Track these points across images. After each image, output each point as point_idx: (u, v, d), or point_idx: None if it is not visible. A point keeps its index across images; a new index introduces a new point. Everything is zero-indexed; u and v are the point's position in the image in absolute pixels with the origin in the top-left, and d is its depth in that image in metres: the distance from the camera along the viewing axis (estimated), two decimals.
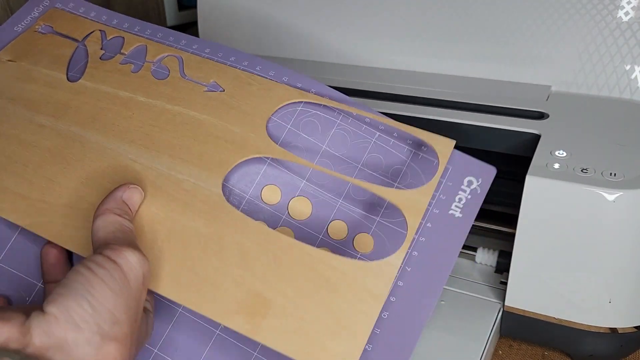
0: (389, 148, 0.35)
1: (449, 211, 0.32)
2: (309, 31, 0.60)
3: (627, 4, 0.47)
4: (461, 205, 0.32)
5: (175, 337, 0.31)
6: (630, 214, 0.35)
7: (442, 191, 0.32)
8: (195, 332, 0.31)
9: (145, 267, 0.26)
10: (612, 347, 0.39)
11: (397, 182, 0.34)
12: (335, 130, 0.35)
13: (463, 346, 0.38)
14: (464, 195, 0.33)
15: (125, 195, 0.29)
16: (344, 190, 0.34)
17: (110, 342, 0.22)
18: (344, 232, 0.33)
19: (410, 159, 0.35)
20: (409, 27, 0.56)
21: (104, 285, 0.23)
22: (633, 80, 0.48)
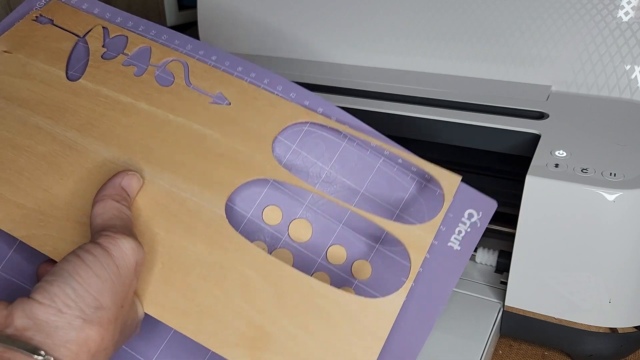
0: (392, 174, 0.35)
1: (448, 243, 0.31)
2: (309, 31, 0.60)
3: (627, 4, 0.47)
4: (460, 238, 0.31)
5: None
6: (630, 213, 0.35)
7: (443, 223, 0.31)
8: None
9: (138, 254, 0.26)
10: (612, 347, 0.39)
11: (398, 210, 0.34)
12: (340, 153, 0.34)
13: (463, 346, 0.38)
14: (464, 227, 0.32)
15: (124, 182, 0.29)
16: (345, 215, 0.34)
17: (93, 326, 0.23)
18: (343, 258, 0.33)
19: (414, 187, 0.34)
20: (409, 27, 0.56)
21: (90, 271, 0.24)
22: (633, 80, 0.48)
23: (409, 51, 0.56)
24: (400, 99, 0.49)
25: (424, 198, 0.34)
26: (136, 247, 0.26)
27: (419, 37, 0.55)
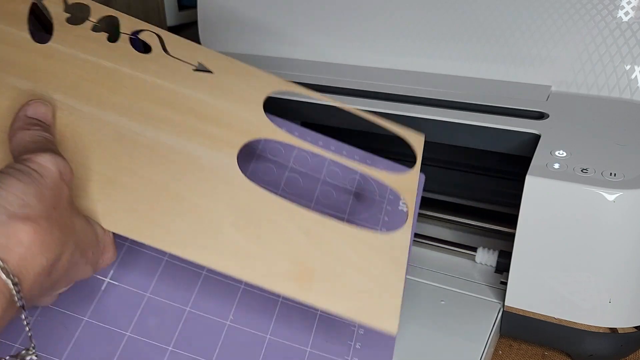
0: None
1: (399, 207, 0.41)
2: (309, 31, 0.60)
3: (627, 4, 0.47)
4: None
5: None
6: (630, 213, 0.35)
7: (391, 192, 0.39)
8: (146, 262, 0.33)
9: (59, 164, 0.26)
10: (612, 347, 0.39)
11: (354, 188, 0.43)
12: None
13: (463, 346, 0.38)
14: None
15: (29, 111, 0.29)
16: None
17: (19, 220, 0.23)
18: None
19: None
20: (409, 27, 0.56)
21: (11, 177, 0.24)
22: (633, 80, 0.48)
23: (409, 51, 0.56)
24: (400, 99, 0.49)
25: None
26: (54, 158, 0.26)
27: (419, 37, 0.55)
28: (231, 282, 0.34)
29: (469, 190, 0.56)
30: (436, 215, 0.51)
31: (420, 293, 0.43)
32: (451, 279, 0.44)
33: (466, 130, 0.44)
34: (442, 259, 0.47)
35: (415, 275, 0.45)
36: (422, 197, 0.55)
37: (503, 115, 0.45)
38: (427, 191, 0.57)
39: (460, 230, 0.51)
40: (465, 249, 0.47)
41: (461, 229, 0.51)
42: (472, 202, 0.54)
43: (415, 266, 0.46)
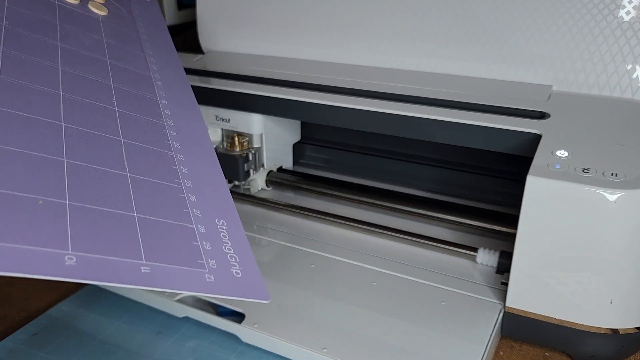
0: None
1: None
2: (309, 31, 0.60)
3: (628, 3, 0.47)
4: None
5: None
6: (632, 214, 0.35)
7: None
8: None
9: None
10: (614, 348, 0.39)
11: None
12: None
13: (464, 347, 0.38)
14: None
15: None
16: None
17: None
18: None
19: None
20: (410, 27, 0.55)
21: None
22: (634, 80, 0.48)
23: (409, 51, 0.56)
24: (400, 98, 0.49)
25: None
26: None
27: (420, 36, 0.55)
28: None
29: (469, 190, 0.56)
30: (436, 216, 0.51)
31: (420, 294, 0.43)
32: (452, 279, 0.44)
33: (467, 130, 0.44)
34: (443, 259, 0.47)
35: (416, 276, 0.45)
36: (422, 197, 0.55)
37: (504, 115, 0.44)
38: (427, 191, 0.57)
39: (460, 230, 0.51)
40: (465, 249, 0.47)
41: (462, 229, 0.51)
42: (472, 202, 0.54)
43: (415, 266, 0.46)
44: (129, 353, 0.40)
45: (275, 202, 0.56)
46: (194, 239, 0.29)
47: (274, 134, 0.59)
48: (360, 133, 0.63)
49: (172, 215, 0.30)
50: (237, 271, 0.29)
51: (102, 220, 0.26)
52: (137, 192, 0.30)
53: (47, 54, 0.35)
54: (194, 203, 0.32)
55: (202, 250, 0.29)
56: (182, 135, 0.36)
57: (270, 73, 0.57)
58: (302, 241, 0.50)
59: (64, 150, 0.29)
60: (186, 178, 0.33)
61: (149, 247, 0.27)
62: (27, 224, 0.24)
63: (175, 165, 0.34)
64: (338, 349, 0.37)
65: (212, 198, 0.33)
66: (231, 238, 0.31)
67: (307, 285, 0.44)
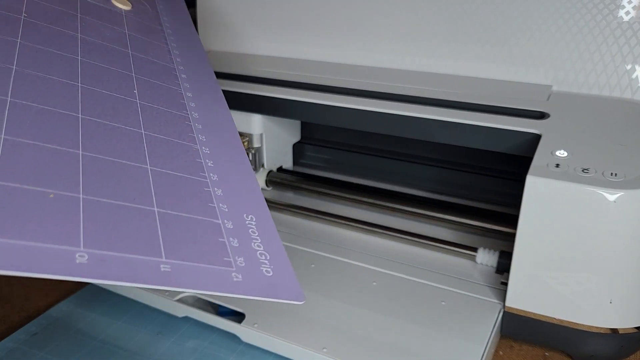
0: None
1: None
2: (309, 31, 0.60)
3: (628, 4, 0.47)
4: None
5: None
6: (631, 214, 0.35)
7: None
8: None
9: None
10: (613, 348, 0.39)
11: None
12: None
13: (463, 347, 0.38)
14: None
15: None
16: None
17: None
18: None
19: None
20: (410, 27, 0.55)
21: None
22: (634, 80, 0.48)
23: (409, 51, 0.56)
24: (400, 98, 0.49)
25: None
26: None
27: (420, 36, 0.55)
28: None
29: (469, 190, 0.56)
30: (436, 216, 0.51)
31: (420, 294, 0.43)
32: (451, 279, 0.44)
33: (466, 130, 0.44)
34: (443, 259, 0.47)
35: (416, 276, 0.45)
36: (422, 197, 0.55)
37: (503, 115, 0.44)
38: (427, 191, 0.57)
39: (460, 230, 0.51)
40: (465, 249, 0.47)
41: (461, 229, 0.51)
42: (472, 202, 0.54)
43: (415, 266, 0.46)
44: (129, 353, 0.40)
45: (275, 202, 0.56)
46: (220, 235, 0.28)
47: (274, 134, 0.59)
48: (360, 133, 0.63)
49: (196, 210, 0.28)
50: (268, 269, 0.27)
51: (119, 215, 0.25)
52: (158, 185, 0.28)
53: (66, 45, 0.34)
54: (220, 197, 0.30)
55: (229, 247, 0.27)
56: (208, 127, 0.35)
57: (270, 73, 0.57)
58: (302, 241, 0.50)
59: (80, 142, 0.27)
60: (212, 171, 0.31)
61: (170, 243, 0.25)
62: (34, 219, 0.22)
63: (200, 158, 0.32)
64: (338, 349, 0.37)
65: (240, 192, 0.31)
66: (261, 234, 0.29)
67: (307, 286, 0.44)
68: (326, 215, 0.53)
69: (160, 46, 0.40)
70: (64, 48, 0.33)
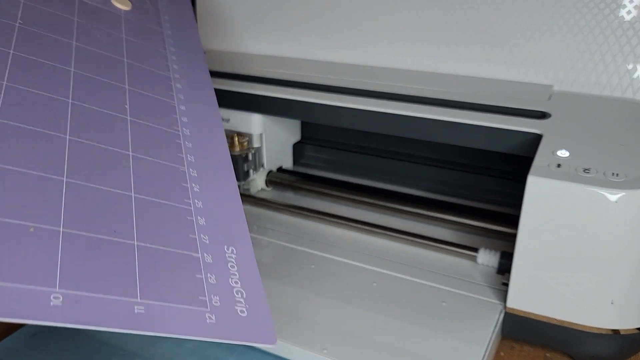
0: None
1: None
2: (309, 30, 0.60)
3: (629, 3, 0.47)
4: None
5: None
6: (633, 214, 0.35)
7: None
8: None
9: None
10: (615, 349, 0.39)
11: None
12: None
13: (464, 348, 0.37)
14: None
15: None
16: None
17: None
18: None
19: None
20: (410, 26, 0.55)
21: None
22: (635, 79, 0.47)
23: (410, 50, 0.56)
24: (400, 98, 0.49)
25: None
26: None
27: (420, 36, 0.55)
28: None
29: (470, 190, 0.56)
30: (437, 216, 0.51)
31: (421, 294, 0.43)
32: (452, 280, 0.44)
33: (467, 129, 0.44)
34: (443, 259, 0.47)
35: (416, 276, 0.45)
36: (422, 197, 0.55)
37: (505, 115, 0.44)
38: (427, 191, 0.57)
39: (461, 230, 0.51)
40: (466, 249, 0.47)
41: (462, 229, 0.51)
42: (473, 203, 0.54)
43: (415, 267, 0.46)
44: (129, 353, 0.40)
45: (275, 202, 0.56)
46: (198, 270, 0.27)
47: (274, 134, 0.59)
48: (360, 133, 0.63)
49: (177, 242, 0.28)
50: (243, 309, 0.27)
51: (98, 250, 0.24)
52: (140, 216, 0.27)
53: (60, 54, 0.33)
54: (203, 227, 0.29)
55: (206, 285, 0.27)
56: (197, 146, 0.34)
57: (270, 73, 0.57)
58: (302, 241, 0.50)
59: (65, 168, 0.26)
60: (197, 198, 0.31)
61: (146, 281, 0.24)
62: (12, 258, 0.21)
63: (186, 182, 0.31)
64: (338, 349, 0.37)
65: (223, 221, 0.31)
66: (240, 269, 0.29)
67: (307, 286, 0.44)
68: (326, 215, 0.53)
69: (158, 51, 0.39)
70: (58, 58, 0.33)
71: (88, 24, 0.37)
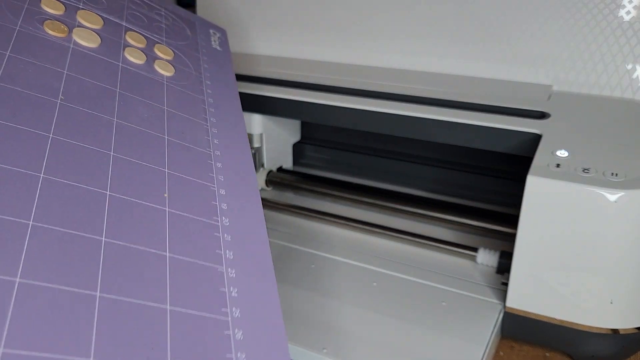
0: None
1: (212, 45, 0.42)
2: (309, 31, 0.60)
3: (628, 3, 0.47)
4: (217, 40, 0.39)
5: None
6: (632, 214, 0.35)
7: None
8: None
9: None
10: (614, 348, 0.39)
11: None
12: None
13: (464, 347, 0.37)
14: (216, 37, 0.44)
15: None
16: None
17: None
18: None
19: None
20: (410, 26, 0.55)
21: None
22: (635, 80, 0.47)
23: (410, 50, 0.56)
24: (400, 98, 0.49)
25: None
26: None
27: (420, 36, 0.55)
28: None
29: (469, 190, 0.56)
30: (436, 216, 0.51)
31: (420, 294, 0.43)
32: (452, 279, 0.44)
33: (467, 129, 0.44)
34: (443, 259, 0.47)
35: (416, 276, 0.45)
36: (422, 197, 0.55)
37: (504, 115, 0.44)
38: (427, 191, 0.57)
39: (460, 230, 0.51)
40: (465, 249, 0.47)
41: (462, 229, 0.51)
42: (472, 202, 0.54)
43: (415, 267, 0.46)
44: None
45: (275, 202, 0.56)
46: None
47: (274, 134, 0.59)
48: (360, 133, 0.63)
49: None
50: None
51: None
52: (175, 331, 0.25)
53: (101, 134, 0.30)
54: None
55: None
56: (236, 240, 0.31)
57: (270, 73, 0.57)
58: (302, 241, 0.50)
59: (99, 281, 0.24)
60: (234, 305, 0.28)
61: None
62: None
63: (224, 287, 0.28)
64: (338, 349, 0.37)
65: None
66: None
67: (307, 286, 0.44)
68: (326, 215, 0.53)
69: (199, 124, 0.37)
70: (98, 140, 0.30)
71: (130, 97, 0.35)
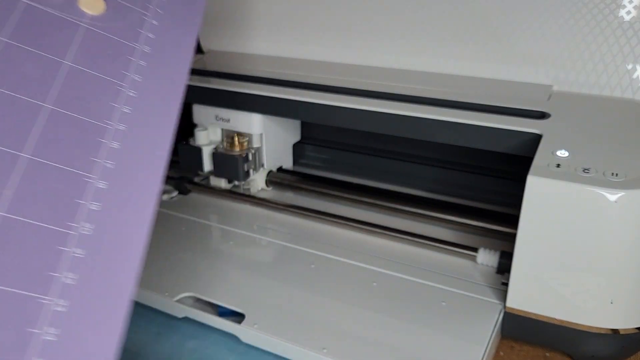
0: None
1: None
2: (309, 31, 0.60)
3: (628, 3, 0.47)
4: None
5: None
6: (632, 214, 0.35)
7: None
8: None
9: None
10: (614, 348, 0.39)
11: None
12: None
13: (464, 348, 0.37)
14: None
15: None
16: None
17: None
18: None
19: None
20: (410, 27, 0.55)
21: None
22: (635, 79, 0.47)
23: (410, 51, 0.56)
24: (400, 98, 0.49)
25: None
26: None
27: (420, 36, 0.55)
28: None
29: (470, 190, 0.56)
30: (436, 216, 0.51)
31: (420, 294, 0.43)
32: (452, 279, 0.44)
33: (467, 129, 0.44)
34: (443, 259, 0.47)
35: (416, 276, 0.45)
36: (422, 197, 0.55)
37: (504, 115, 0.44)
38: (427, 191, 0.57)
39: (461, 230, 0.51)
40: (466, 249, 0.47)
41: (462, 229, 0.51)
42: (472, 202, 0.54)
43: (415, 267, 0.46)
44: (129, 353, 0.40)
45: (275, 202, 0.56)
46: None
47: (274, 134, 0.59)
48: (360, 133, 0.63)
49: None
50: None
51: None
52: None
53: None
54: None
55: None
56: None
57: (270, 73, 0.57)
58: (302, 241, 0.50)
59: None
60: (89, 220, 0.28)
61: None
62: None
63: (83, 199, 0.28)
64: (338, 349, 0.37)
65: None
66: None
67: (307, 286, 0.44)
68: (326, 215, 0.53)
69: (109, 84, 0.33)
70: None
71: (18, 46, 0.32)
